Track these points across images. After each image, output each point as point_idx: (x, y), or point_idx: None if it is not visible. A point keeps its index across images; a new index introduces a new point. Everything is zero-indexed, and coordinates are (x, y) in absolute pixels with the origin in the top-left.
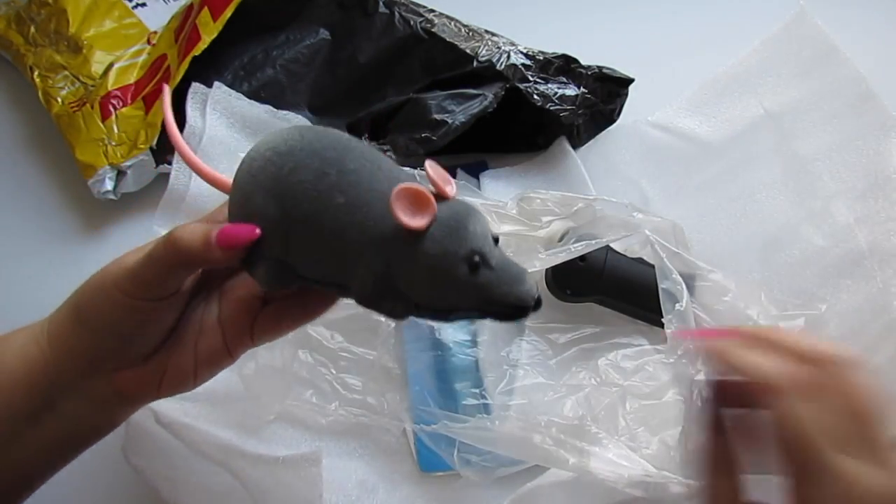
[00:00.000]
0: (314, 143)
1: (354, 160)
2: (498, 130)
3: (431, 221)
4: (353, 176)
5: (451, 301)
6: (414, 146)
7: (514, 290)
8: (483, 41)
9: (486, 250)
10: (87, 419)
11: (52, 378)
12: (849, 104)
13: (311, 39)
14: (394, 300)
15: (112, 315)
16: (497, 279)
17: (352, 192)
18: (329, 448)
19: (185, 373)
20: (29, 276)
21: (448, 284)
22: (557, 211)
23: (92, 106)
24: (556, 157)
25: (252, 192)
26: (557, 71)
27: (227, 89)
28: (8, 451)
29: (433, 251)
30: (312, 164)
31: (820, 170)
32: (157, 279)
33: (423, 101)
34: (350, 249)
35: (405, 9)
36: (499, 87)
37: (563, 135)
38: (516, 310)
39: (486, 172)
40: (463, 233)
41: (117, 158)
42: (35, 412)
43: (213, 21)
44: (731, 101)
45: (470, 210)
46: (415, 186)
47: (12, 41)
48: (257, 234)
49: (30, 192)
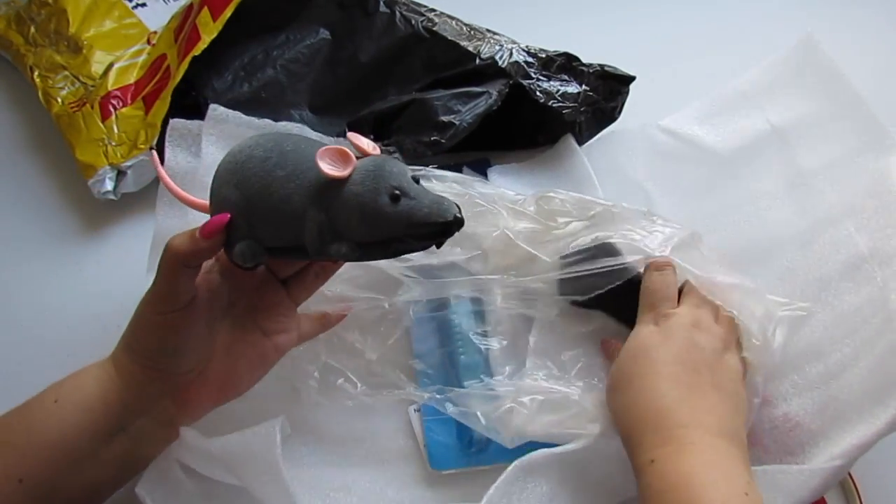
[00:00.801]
0: (259, 140)
1: (290, 142)
2: (500, 128)
3: (352, 171)
4: (290, 155)
5: (384, 231)
6: (422, 149)
7: (435, 210)
8: (485, 39)
9: (405, 184)
10: (153, 436)
11: (125, 402)
12: (850, 125)
13: (312, 39)
14: (339, 243)
15: (153, 335)
16: (417, 205)
17: (290, 166)
18: (338, 455)
19: (240, 377)
20: (29, 276)
21: (376, 217)
22: (575, 213)
23: (92, 106)
24: (563, 154)
25: (218, 187)
26: (559, 69)
27: (223, 109)
28: (83, 467)
29: (357, 191)
30: (258, 153)
31: (822, 183)
32: (172, 287)
33: (429, 101)
34: (297, 211)
35: (406, 8)
36: (502, 84)
37: (566, 132)
38: (440, 227)
39: (493, 168)
40: (380, 173)
41: (117, 158)
42: (111, 431)
43: (212, 21)
44: (738, 114)
45: (387, 158)
46: (334, 147)
47: (12, 41)
48: (227, 218)
49: (30, 193)
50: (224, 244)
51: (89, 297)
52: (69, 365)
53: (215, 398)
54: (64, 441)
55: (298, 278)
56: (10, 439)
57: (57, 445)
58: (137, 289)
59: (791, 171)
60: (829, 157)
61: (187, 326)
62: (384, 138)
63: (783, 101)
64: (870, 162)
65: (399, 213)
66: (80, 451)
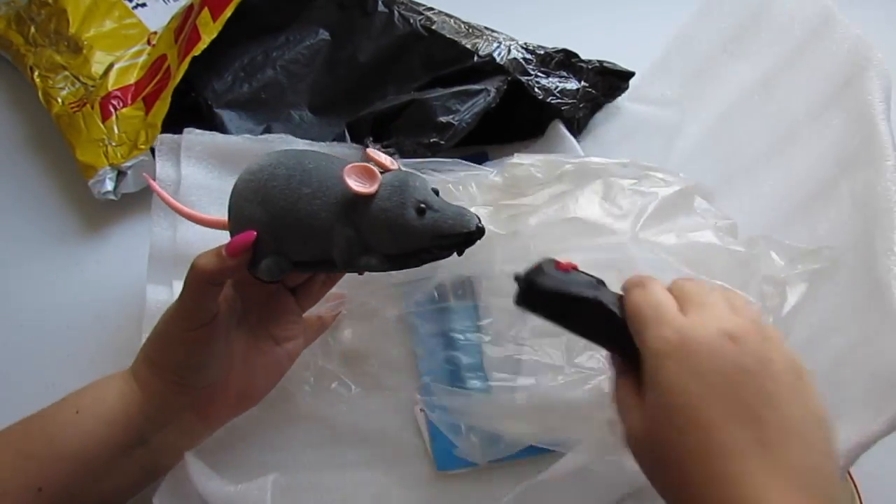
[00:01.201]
0: (279, 158)
1: (310, 160)
2: (498, 125)
3: (378, 187)
4: (314, 171)
5: (411, 243)
6: (422, 150)
7: (459, 222)
8: (483, 37)
9: (429, 198)
10: (173, 447)
11: (147, 415)
12: (811, 29)
13: (311, 40)
14: (368, 256)
15: (179, 351)
16: (442, 217)
17: (315, 183)
18: (345, 457)
19: (257, 385)
20: (29, 276)
21: (404, 230)
22: (541, 177)
23: (92, 106)
24: (553, 140)
25: (242, 206)
26: (558, 65)
27: (199, 131)
28: (102, 477)
29: (385, 206)
30: (280, 171)
31: (796, 109)
32: (197, 305)
33: (428, 102)
34: (324, 226)
35: (404, 7)
36: (500, 80)
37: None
38: (463, 237)
39: (485, 164)
40: (405, 188)
41: (117, 159)
42: (130, 445)
43: (212, 21)
44: (695, 56)
45: (409, 174)
46: (359, 164)
47: (12, 41)
48: (254, 236)
49: (30, 193)
50: (249, 265)
51: (89, 297)
52: (69, 365)
53: (235, 408)
54: (84, 453)
55: (306, 286)
56: (30, 449)
57: (77, 457)
58: (137, 289)
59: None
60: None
61: (212, 341)
62: (383, 139)
63: (737, 27)
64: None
65: (425, 225)
66: (100, 463)
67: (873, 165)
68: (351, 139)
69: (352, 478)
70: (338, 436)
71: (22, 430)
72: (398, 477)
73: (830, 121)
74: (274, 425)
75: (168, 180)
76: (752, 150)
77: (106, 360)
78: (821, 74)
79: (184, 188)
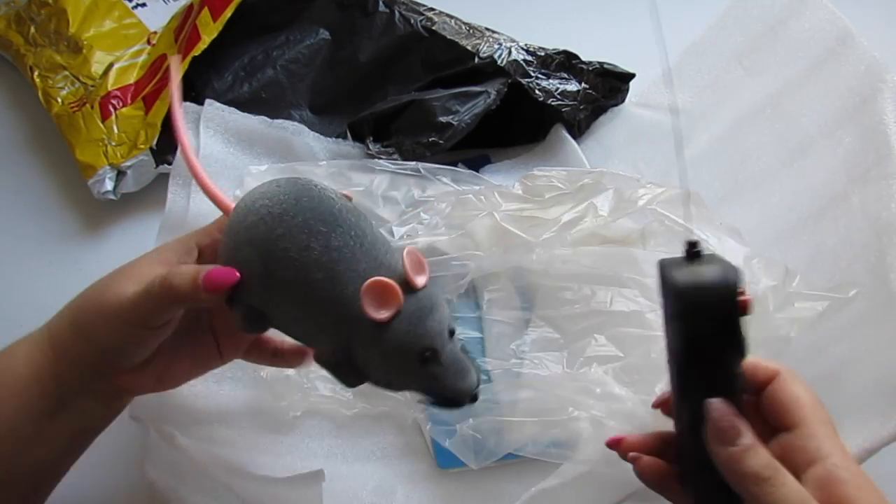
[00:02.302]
0: (306, 212)
1: (340, 237)
2: (499, 127)
3: (394, 314)
4: (335, 254)
5: (401, 385)
6: (421, 150)
7: (456, 386)
8: (484, 38)
9: (439, 346)
10: (95, 413)
11: (60, 380)
12: (828, 48)
13: (311, 39)
14: (348, 370)
15: (112, 337)
16: (443, 374)
17: (330, 271)
18: (346, 453)
19: (180, 373)
20: (29, 276)
21: (399, 372)
22: (562, 187)
23: (92, 106)
24: (555, 145)
25: (242, 244)
26: (558, 67)
27: (219, 105)
28: (31, 447)
29: (392, 343)
30: (300, 236)
31: (808, 125)
32: (153, 313)
33: (428, 102)
34: (320, 318)
35: (405, 7)
36: (500, 83)
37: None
38: (454, 403)
39: (486, 167)
40: (421, 330)
41: (117, 159)
42: (51, 411)
43: (213, 21)
44: (708, 67)
45: (433, 305)
46: (383, 282)
47: (12, 41)
48: (237, 278)
49: (30, 192)
50: (227, 299)
51: None
52: None
53: (151, 387)
54: (1, 425)
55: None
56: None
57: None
58: None
59: (777, 115)
60: (811, 90)
61: (153, 341)
62: (384, 139)
63: (752, 39)
64: (855, 91)
65: (422, 375)
66: (22, 434)
67: (887, 181)
68: (352, 139)
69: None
70: (341, 428)
71: None
72: (402, 472)
73: (843, 138)
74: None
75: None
76: (762, 162)
77: None
78: (835, 93)
79: (202, 158)
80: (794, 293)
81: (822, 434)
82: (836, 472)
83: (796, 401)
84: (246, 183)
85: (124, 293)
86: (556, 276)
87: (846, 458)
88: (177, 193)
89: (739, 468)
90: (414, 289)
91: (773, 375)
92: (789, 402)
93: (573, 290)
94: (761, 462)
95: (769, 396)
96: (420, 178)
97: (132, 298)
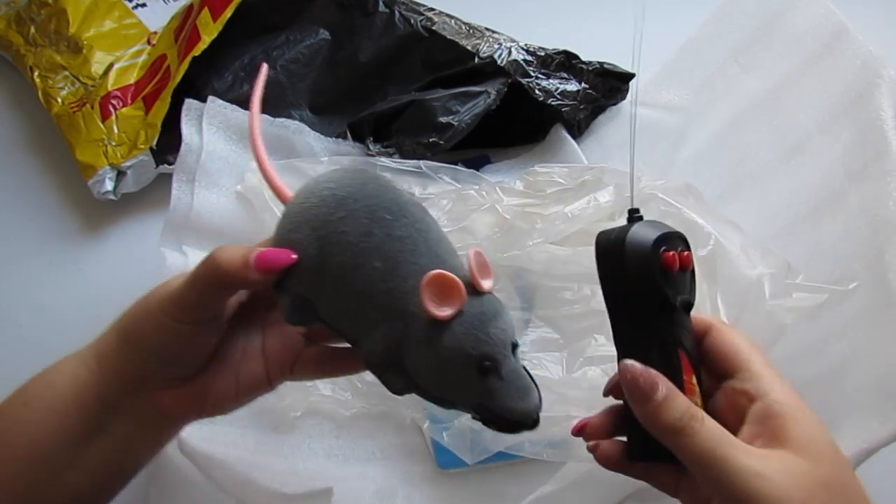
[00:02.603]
0: (371, 199)
1: (403, 227)
2: (499, 127)
3: (456, 314)
4: (398, 244)
5: (452, 396)
6: (421, 150)
7: (516, 406)
8: (483, 38)
9: (500, 358)
10: (135, 440)
11: (102, 399)
12: (823, 43)
13: (311, 40)
14: (397, 374)
15: (156, 338)
16: (502, 390)
17: (390, 260)
18: (346, 453)
19: (226, 396)
20: (29, 276)
21: (453, 380)
22: (563, 182)
23: (92, 106)
24: (555, 144)
25: (299, 225)
26: (558, 67)
27: (222, 102)
28: (63, 475)
29: (449, 345)
30: (362, 220)
31: (805, 121)
32: (199, 301)
33: (428, 103)
34: (373, 312)
35: (405, 7)
36: (500, 83)
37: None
38: (512, 425)
39: (486, 167)
40: (483, 335)
41: (117, 159)
42: (88, 434)
43: (213, 21)
44: (704, 64)
45: (497, 312)
46: (448, 276)
47: (12, 41)
48: (293, 260)
49: (30, 192)
50: (276, 283)
51: (89, 297)
52: None
53: (199, 410)
54: (39, 450)
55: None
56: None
57: (32, 456)
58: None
59: (774, 111)
60: (808, 85)
61: (198, 342)
62: (384, 139)
63: (747, 36)
64: (852, 87)
65: (479, 388)
66: (58, 458)
67: (884, 178)
68: (352, 139)
69: (356, 471)
70: (341, 429)
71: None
72: (403, 473)
73: (840, 133)
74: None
75: (194, 145)
76: (760, 158)
77: None
78: (832, 88)
79: (205, 155)
80: (792, 284)
81: (761, 374)
82: (774, 406)
83: (734, 347)
84: (247, 179)
85: (170, 287)
86: (556, 276)
87: (785, 392)
88: (181, 190)
89: (657, 423)
90: (479, 292)
91: (707, 328)
92: (728, 350)
93: (573, 290)
94: (676, 413)
95: (708, 348)
96: (421, 177)
97: (177, 290)
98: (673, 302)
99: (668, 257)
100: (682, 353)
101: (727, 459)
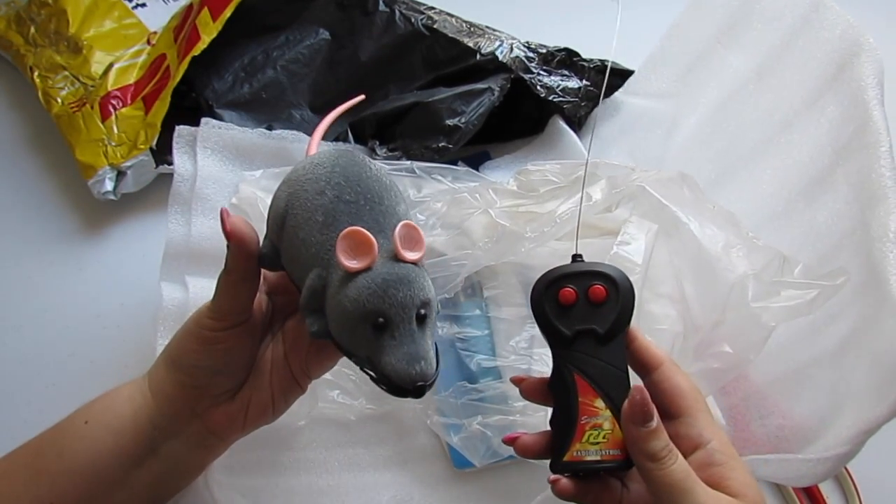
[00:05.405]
0: (336, 168)
1: (353, 194)
2: (500, 124)
3: (363, 269)
4: (342, 206)
5: (350, 346)
6: (430, 154)
7: (400, 368)
8: (485, 35)
9: (396, 319)
10: (183, 460)
11: (155, 423)
12: (801, 15)
13: (312, 39)
14: (318, 318)
15: (201, 351)
16: (390, 349)
17: (331, 217)
18: (361, 458)
19: (265, 406)
20: (29, 276)
21: (350, 331)
22: (556, 180)
23: (92, 106)
24: (553, 136)
25: (282, 184)
26: (560, 64)
27: (215, 122)
28: (113, 492)
29: (350, 295)
30: (320, 182)
31: (791, 96)
32: (231, 301)
33: (433, 105)
34: (309, 259)
35: (405, 6)
36: (503, 79)
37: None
38: (395, 388)
39: (486, 164)
40: (381, 293)
41: (117, 159)
42: (140, 456)
43: (212, 21)
44: (690, 49)
45: (409, 278)
46: (362, 232)
47: (12, 41)
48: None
49: (30, 192)
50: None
51: (89, 297)
52: (69, 365)
53: (244, 424)
54: (95, 465)
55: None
56: (41, 464)
57: (88, 470)
58: (137, 288)
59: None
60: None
61: (237, 346)
62: (387, 141)
63: (731, 21)
64: (830, 56)
65: (369, 343)
66: (111, 476)
67: (867, 151)
68: (353, 139)
69: (371, 479)
70: (353, 437)
71: (35, 445)
72: (417, 476)
73: (825, 108)
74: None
75: (186, 173)
76: (750, 140)
77: (106, 360)
78: (813, 62)
79: (200, 180)
80: (780, 282)
81: (703, 422)
82: (714, 455)
83: (679, 391)
84: (241, 189)
85: (201, 307)
86: None
87: (722, 442)
88: (177, 222)
89: (644, 446)
90: (399, 259)
91: (657, 364)
92: (673, 393)
93: None
94: (661, 444)
95: (655, 385)
96: (415, 178)
97: (208, 303)
98: (567, 333)
99: (564, 293)
100: (579, 377)
101: (693, 493)
